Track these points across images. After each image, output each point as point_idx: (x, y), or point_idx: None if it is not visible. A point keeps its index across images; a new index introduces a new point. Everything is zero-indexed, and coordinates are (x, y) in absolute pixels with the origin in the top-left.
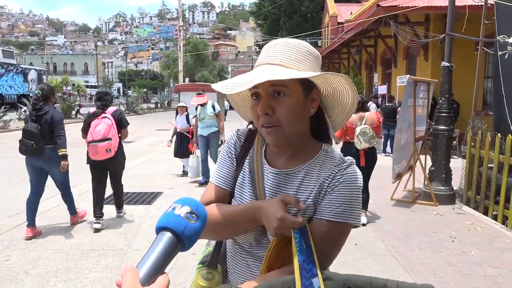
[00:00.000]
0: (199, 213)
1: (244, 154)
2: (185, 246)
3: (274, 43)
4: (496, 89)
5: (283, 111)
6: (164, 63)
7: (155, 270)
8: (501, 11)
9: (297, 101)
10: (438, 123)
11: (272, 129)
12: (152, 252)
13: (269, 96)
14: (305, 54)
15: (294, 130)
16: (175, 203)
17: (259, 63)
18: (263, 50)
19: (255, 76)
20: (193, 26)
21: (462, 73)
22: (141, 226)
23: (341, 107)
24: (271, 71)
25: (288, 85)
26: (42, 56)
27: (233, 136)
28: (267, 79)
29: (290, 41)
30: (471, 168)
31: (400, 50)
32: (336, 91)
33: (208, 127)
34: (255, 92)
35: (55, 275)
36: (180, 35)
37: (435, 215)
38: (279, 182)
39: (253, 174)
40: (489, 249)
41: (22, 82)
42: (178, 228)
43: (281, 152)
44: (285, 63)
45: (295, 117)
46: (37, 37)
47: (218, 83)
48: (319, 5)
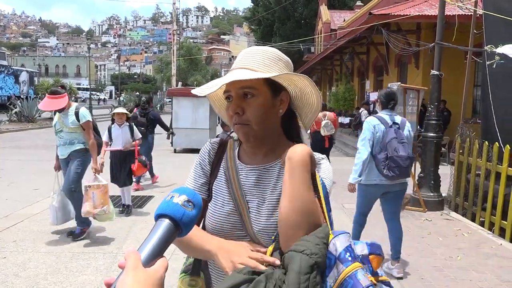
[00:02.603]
0: (196, 201)
1: (218, 160)
2: (183, 232)
3: (247, 50)
4: (484, 97)
5: (251, 111)
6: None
7: (155, 254)
8: (489, 21)
9: (265, 101)
10: (427, 130)
11: (241, 126)
12: (152, 237)
13: (240, 97)
14: (275, 59)
15: (262, 129)
16: (173, 192)
17: (232, 68)
18: (238, 56)
19: (225, 79)
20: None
21: (452, 81)
22: (132, 229)
23: (309, 107)
24: (239, 74)
25: (256, 87)
26: (34, 58)
27: (207, 145)
28: (231, 80)
29: (263, 48)
30: (459, 175)
31: (391, 58)
32: (304, 93)
33: (68, 145)
34: (228, 94)
35: (44, 277)
36: (174, 39)
37: (423, 221)
38: (255, 178)
39: (227, 172)
40: (475, 255)
41: (13, 83)
42: (176, 215)
43: (255, 151)
44: (254, 67)
45: (263, 116)
46: (29, 38)
47: (197, 88)
48: (312, 11)
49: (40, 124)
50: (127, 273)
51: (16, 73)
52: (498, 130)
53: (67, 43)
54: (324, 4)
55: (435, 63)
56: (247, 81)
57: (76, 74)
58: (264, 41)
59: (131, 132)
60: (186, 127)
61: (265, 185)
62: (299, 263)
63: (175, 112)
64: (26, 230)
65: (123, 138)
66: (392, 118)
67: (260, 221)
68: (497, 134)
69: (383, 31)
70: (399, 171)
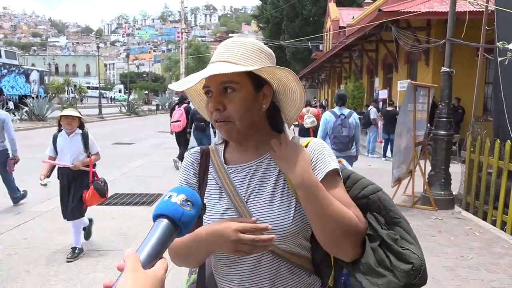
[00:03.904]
0: (194, 200)
1: (205, 169)
2: (182, 231)
3: (226, 42)
4: (496, 95)
5: (232, 106)
6: (165, 65)
7: (155, 255)
8: (501, 17)
9: (247, 96)
10: (438, 128)
11: (224, 123)
12: (151, 238)
13: (220, 92)
14: (256, 51)
15: (246, 124)
16: (171, 192)
17: (211, 61)
18: (217, 49)
19: (203, 73)
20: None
21: (463, 78)
22: (141, 227)
23: (292, 103)
24: (218, 67)
25: (237, 81)
26: (44, 57)
27: (188, 157)
28: (210, 74)
29: (243, 39)
30: (470, 174)
31: (401, 55)
32: (287, 88)
33: None
34: (208, 90)
35: (55, 274)
36: (182, 38)
37: (434, 220)
38: (250, 176)
39: (219, 180)
40: (487, 254)
41: (24, 82)
42: (175, 215)
43: (242, 147)
44: (234, 60)
45: (245, 112)
46: (40, 38)
47: (174, 82)
48: (321, 9)
49: (50, 123)
50: (126, 275)
51: (27, 73)
52: (510, 127)
53: (77, 43)
54: (332, 2)
55: (446, 60)
56: (227, 75)
57: (86, 73)
58: (273, 39)
59: (84, 143)
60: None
61: (263, 180)
62: None
63: None
64: (37, 228)
65: (73, 151)
66: (341, 111)
67: (265, 218)
68: (509, 131)
69: (393, 28)
70: (341, 145)
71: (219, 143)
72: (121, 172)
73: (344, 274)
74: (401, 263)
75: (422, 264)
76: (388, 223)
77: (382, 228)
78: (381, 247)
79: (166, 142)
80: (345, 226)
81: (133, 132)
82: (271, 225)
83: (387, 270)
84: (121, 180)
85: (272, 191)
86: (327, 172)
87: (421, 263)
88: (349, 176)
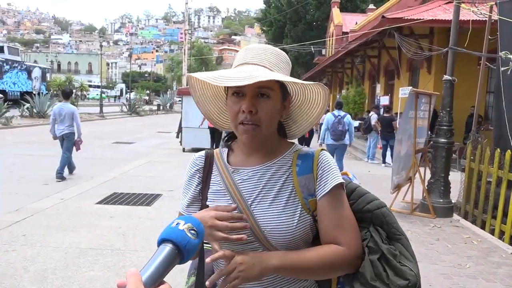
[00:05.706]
0: (199, 230)
1: (208, 171)
2: (184, 259)
3: (253, 46)
4: (497, 104)
5: (264, 112)
6: (168, 65)
7: (157, 278)
8: (504, 27)
9: (276, 104)
10: (438, 136)
11: (252, 127)
12: (155, 261)
13: (255, 96)
14: (285, 62)
15: (269, 132)
16: (178, 219)
17: (245, 62)
18: (247, 51)
19: (252, 73)
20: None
21: (464, 87)
22: (140, 226)
23: (306, 117)
24: (260, 72)
25: (273, 88)
26: (47, 54)
27: (193, 161)
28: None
29: (274, 48)
30: (469, 182)
31: (403, 62)
32: (305, 102)
33: None
34: (239, 90)
35: (53, 272)
36: (185, 39)
37: (432, 227)
38: (256, 180)
39: (224, 183)
40: (484, 263)
41: (26, 79)
42: (182, 242)
43: (251, 152)
44: (270, 66)
45: (273, 119)
46: (43, 35)
47: (199, 73)
48: (324, 14)
49: None
50: None
51: (29, 69)
52: (511, 137)
53: (80, 41)
54: (336, 7)
55: (448, 68)
56: (266, 81)
57: (88, 71)
58: (276, 43)
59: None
60: (196, 126)
61: (268, 185)
62: None
63: (185, 112)
64: (36, 225)
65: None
66: (339, 113)
67: (269, 222)
68: (509, 141)
69: (396, 35)
70: (337, 137)
71: (223, 147)
72: (121, 171)
73: (340, 282)
74: (398, 278)
75: (418, 282)
76: (390, 238)
77: (383, 242)
78: (380, 260)
79: (166, 142)
80: (332, 264)
81: (134, 131)
82: (274, 230)
83: (383, 284)
84: (120, 179)
85: (278, 197)
86: (333, 186)
87: (416, 281)
88: (354, 189)
